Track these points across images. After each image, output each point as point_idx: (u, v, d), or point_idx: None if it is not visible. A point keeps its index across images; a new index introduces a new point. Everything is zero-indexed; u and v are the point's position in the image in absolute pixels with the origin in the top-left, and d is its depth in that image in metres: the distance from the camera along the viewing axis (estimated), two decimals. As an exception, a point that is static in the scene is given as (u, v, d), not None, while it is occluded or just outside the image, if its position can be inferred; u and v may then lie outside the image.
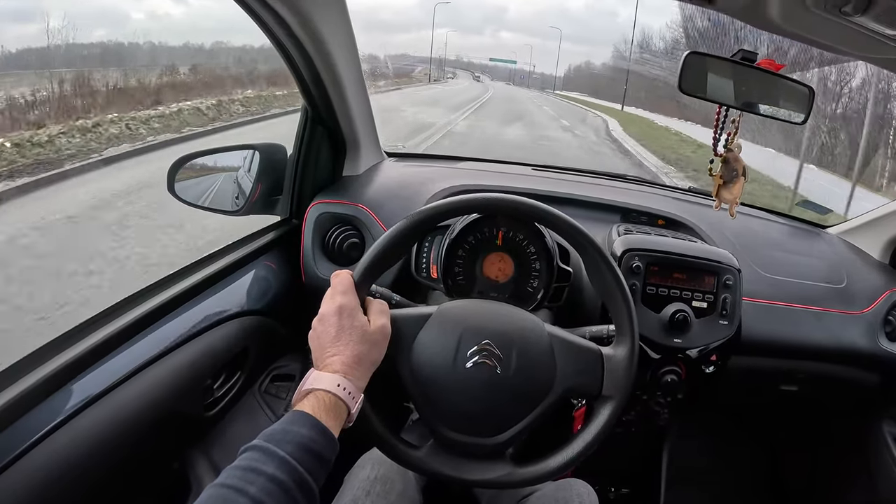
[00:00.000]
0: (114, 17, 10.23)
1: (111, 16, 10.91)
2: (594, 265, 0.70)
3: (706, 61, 0.86)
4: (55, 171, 3.98)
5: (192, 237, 3.16)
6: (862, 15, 0.59)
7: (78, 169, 4.26)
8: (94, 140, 4.82)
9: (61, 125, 4.65)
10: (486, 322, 0.67)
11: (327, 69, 0.95)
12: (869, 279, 1.15)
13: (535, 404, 0.66)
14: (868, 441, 1.20)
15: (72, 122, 4.83)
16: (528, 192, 1.11)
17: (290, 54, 0.92)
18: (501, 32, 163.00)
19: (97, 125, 5.03)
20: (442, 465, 0.67)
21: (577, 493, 0.78)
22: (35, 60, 6.13)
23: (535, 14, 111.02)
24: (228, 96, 8.29)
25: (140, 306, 0.79)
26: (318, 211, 1.04)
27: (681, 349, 0.95)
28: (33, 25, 6.31)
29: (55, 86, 5.33)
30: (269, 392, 1.04)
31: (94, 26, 12.98)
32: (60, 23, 7.76)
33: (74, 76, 5.76)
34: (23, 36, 6.35)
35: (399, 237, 0.68)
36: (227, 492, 0.46)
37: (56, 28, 6.65)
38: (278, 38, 0.88)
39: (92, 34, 10.63)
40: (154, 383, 0.75)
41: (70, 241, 3.29)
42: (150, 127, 5.72)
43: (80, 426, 0.65)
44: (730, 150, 0.89)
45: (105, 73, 6.38)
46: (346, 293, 0.63)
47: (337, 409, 0.56)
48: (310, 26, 0.85)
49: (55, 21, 8.20)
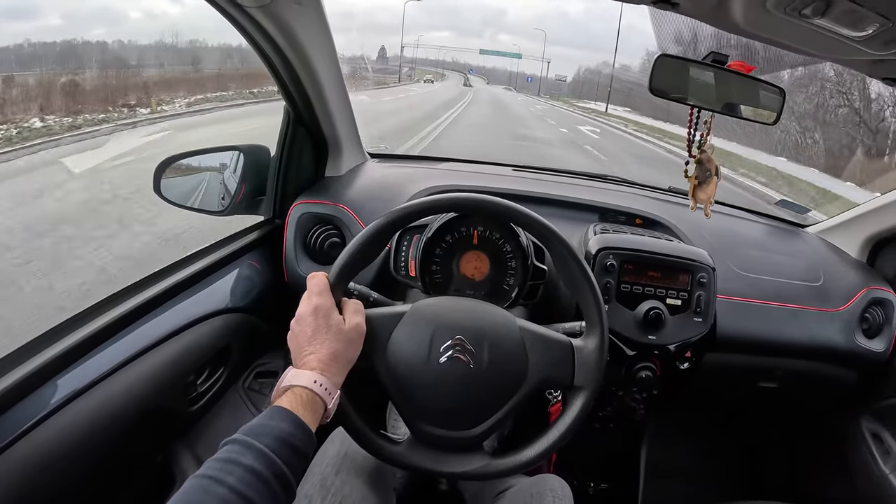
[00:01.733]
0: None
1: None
2: (560, 258, 0.71)
3: (678, 63, 0.88)
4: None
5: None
6: (821, 17, 0.60)
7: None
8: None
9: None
10: (458, 318, 0.69)
11: (307, 72, 0.96)
12: (846, 277, 1.16)
13: (509, 397, 0.67)
14: (846, 437, 1.21)
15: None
16: (507, 192, 1.12)
17: (269, 57, 0.94)
18: (500, 35, 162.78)
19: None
20: (421, 459, 0.68)
21: (550, 487, 0.80)
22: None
23: (534, 18, 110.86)
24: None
25: (124, 303, 0.81)
26: (300, 211, 1.06)
27: (655, 346, 0.96)
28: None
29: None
30: (252, 388, 1.06)
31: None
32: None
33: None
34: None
35: (373, 237, 0.70)
36: (206, 482, 0.48)
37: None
38: (257, 42, 0.89)
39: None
40: (138, 378, 0.77)
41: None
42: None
43: (64, 421, 0.66)
44: (703, 150, 0.91)
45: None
46: (322, 294, 0.65)
47: (314, 405, 0.58)
48: (288, 31, 0.87)
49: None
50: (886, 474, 1.11)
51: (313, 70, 0.96)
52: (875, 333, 1.13)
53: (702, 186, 0.93)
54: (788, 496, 1.16)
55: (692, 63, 0.87)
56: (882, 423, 1.17)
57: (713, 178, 0.93)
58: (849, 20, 0.60)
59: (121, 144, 4.62)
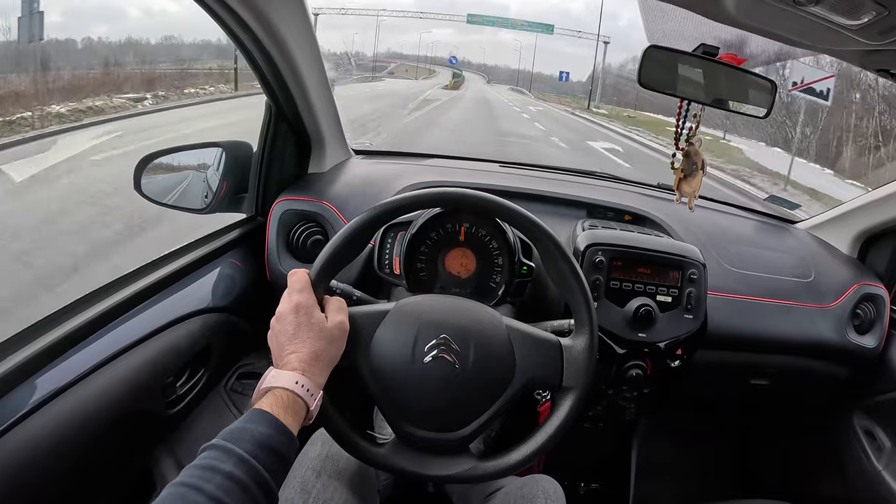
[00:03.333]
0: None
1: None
2: (550, 256, 0.70)
3: (667, 56, 0.86)
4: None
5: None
6: (815, 5, 0.58)
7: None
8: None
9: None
10: (443, 317, 0.67)
11: (289, 68, 0.94)
12: (837, 273, 1.15)
13: (496, 398, 0.66)
14: (839, 433, 1.20)
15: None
16: (495, 188, 1.11)
17: (250, 52, 0.91)
18: (501, 33, 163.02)
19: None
20: (405, 462, 0.67)
21: (542, 489, 0.78)
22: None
23: (536, 14, 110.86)
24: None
25: (100, 304, 0.78)
26: (283, 208, 1.04)
27: (646, 343, 0.95)
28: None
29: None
30: (235, 390, 1.03)
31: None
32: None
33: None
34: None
35: (356, 233, 0.68)
36: (185, 490, 0.46)
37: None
38: (238, 36, 0.87)
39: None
40: (113, 381, 0.74)
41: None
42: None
43: (38, 424, 0.64)
44: (691, 143, 0.89)
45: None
46: (303, 291, 0.63)
47: (296, 407, 0.56)
48: (269, 25, 0.85)
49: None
50: (879, 470, 1.10)
51: (295, 65, 0.94)
52: (866, 329, 1.13)
53: (687, 179, 0.93)
54: (781, 494, 1.15)
55: (682, 55, 0.85)
56: (874, 420, 1.16)
57: (699, 171, 0.92)
58: (844, 7, 0.58)
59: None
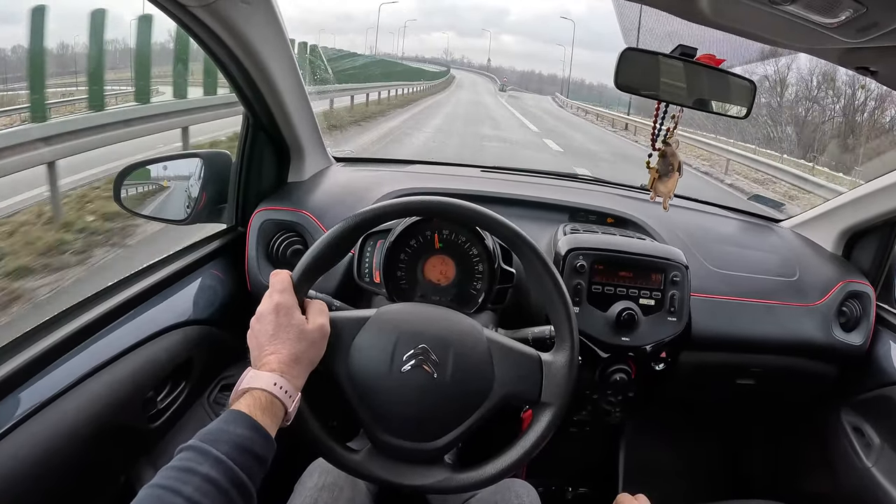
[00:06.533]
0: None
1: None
2: (529, 263, 0.69)
3: (645, 57, 0.86)
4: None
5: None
6: (791, 4, 0.58)
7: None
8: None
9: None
10: (424, 326, 0.66)
11: (261, 75, 0.93)
12: (822, 271, 1.15)
13: (473, 410, 0.65)
14: (827, 431, 1.20)
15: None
16: (476, 193, 1.10)
17: (221, 60, 0.90)
18: (502, 36, 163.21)
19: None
20: (379, 469, 0.66)
21: (515, 493, 0.78)
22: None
23: (537, 18, 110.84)
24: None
25: (79, 318, 0.78)
26: (262, 218, 1.03)
27: (629, 347, 0.94)
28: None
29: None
30: (218, 402, 1.03)
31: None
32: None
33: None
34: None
35: (336, 240, 0.68)
36: (161, 492, 0.46)
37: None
38: (206, 43, 0.86)
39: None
40: (92, 396, 0.73)
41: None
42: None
43: (16, 441, 0.63)
44: (668, 144, 0.89)
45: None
46: (284, 292, 0.63)
47: (273, 408, 0.56)
48: (236, 32, 0.83)
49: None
50: (869, 467, 1.10)
51: (268, 73, 0.92)
52: (853, 327, 1.12)
53: (663, 180, 0.93)
54: (770, 493, 1.15)
55: (660, 56, 0.85)
56: (863, 417, 1.16)
57: (674, 173, 0.92)
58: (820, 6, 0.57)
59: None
